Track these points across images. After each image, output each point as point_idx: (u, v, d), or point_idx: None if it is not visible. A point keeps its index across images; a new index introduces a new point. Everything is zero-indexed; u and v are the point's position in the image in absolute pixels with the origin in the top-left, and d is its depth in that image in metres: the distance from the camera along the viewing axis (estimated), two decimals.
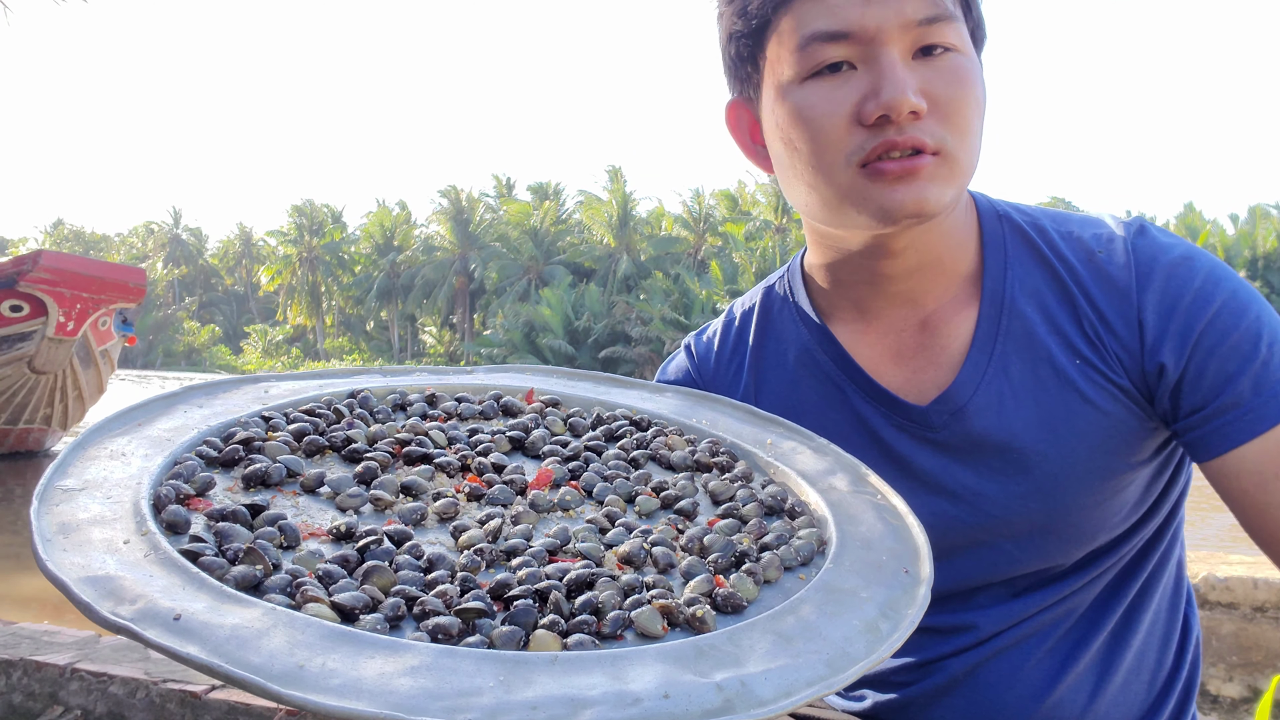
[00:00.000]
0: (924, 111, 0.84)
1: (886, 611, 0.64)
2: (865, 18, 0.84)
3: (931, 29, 0.85)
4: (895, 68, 0.84)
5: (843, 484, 0.83)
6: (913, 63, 0.86)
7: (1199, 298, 0.87)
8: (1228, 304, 0.87)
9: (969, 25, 0.90)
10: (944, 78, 0.86)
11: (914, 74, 0.85)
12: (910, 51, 0.86)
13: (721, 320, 1.16)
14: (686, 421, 0.95)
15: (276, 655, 0.51)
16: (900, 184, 0.86)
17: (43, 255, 9.95)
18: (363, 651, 0.53)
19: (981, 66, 0.92)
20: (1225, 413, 0.86)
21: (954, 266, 0.96)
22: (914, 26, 0.84)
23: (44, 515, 0.63)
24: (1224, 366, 0.86)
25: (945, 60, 0.86)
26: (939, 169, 0.86)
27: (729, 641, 0.58)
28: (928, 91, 0.85)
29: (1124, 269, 0.91)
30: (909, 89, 0.84)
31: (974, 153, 0.89)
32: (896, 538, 0.74)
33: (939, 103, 0.85)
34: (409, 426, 0.86)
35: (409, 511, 0.72)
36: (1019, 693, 0.96)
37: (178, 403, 0.85)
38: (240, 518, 0.67)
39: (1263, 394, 0.84)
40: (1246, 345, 0.86)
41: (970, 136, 0.87)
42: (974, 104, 0.87)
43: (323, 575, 0.61)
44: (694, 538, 0.73)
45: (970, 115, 0.87)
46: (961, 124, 0.86)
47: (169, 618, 0.53)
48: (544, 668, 0.53)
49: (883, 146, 0.85)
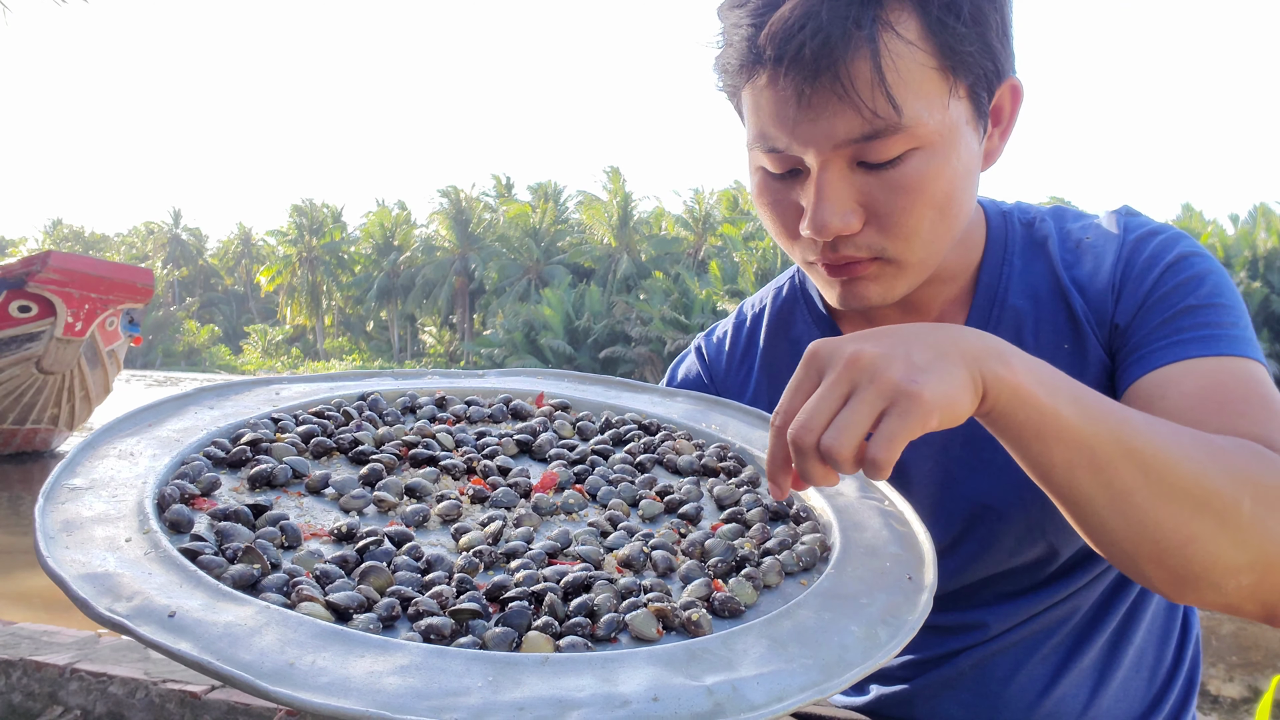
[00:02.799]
0: (857, 229, 0.83)
1: (886, 618, 0.63)
2: (795, 135, 0.80)
3: (869, 147, 0.79)
4: (825, 189, 0.81)
5: (850, 489, 0.83)
6: (852, 174, 0.82)
7: (1151, 259, 0.90)
8: (1174, 264, 0.89)
9: (965, 84, 0.81)
10: (888, 190, 0.81)
11: (849, 188, 0.82)
12: (851, 161, 0.81)
13: (732, 321, 1.16)
14: (696, 426, 0.95)
15: (267, 653, 0.51)
16: (843, 285, 0.88)
17: (51, 256, 9.97)
18: (353, 650, 0.53)
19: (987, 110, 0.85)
20: (1136, 350, 0.88)
21: (956, 272, 0.98)
22: (848, 145, 0.79)
23: (49, 513, 0.63)
24: (1154, 315, 0.88)
25: (893, 170, 0.81)
26: (883, 271, 0.86)
27: (723, 645, 0.58)
28: (867, 203, 0.82)
29: (1109, 246, 0.94)
30: (834, 215, 0.81)
31: (928, 248, 0.86)
32: (901, 544, 0.74)
33: (879, 214, 0.82)
34: (416, 429, 0.86)
35: (412, 513, 0.72)
36: (1022, 689, 0.96)
37: (189, 404, 0.86)
38: (242, 517, 0.67)
39: (1172, 336, 0.86)
40: (1175, 296, 0.87)
41: (919, 236, 0.84)
42: (926, 203, 0.82)
43: (320, 575, 0.61)
44: (695, 542, 0.73)
45: (918, 220, 0.83)
46: (905, 231, 0.83)
47: (164, 615, 0.53)
48: (533, 669, 0.53)
49: (822, 259, 0.86)
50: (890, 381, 0.63)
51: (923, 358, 0.65)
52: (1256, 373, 0.83)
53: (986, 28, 0.80)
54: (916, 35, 0.78)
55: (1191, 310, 0.86)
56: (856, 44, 0.76)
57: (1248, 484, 0.70)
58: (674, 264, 38.99)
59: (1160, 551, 0.70)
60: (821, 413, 0.64)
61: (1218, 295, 0.87)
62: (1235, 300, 0.88)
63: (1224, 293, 0.87)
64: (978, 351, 0.67)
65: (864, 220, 0.83)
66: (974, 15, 0.79)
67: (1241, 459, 0.71)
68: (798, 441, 0.64)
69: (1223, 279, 0.89)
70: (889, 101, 0.77)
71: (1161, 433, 0.70)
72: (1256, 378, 0.82)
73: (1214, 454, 0.70)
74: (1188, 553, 0.69)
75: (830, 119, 0.78)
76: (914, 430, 0.62)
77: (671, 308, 33.56)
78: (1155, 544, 0.70)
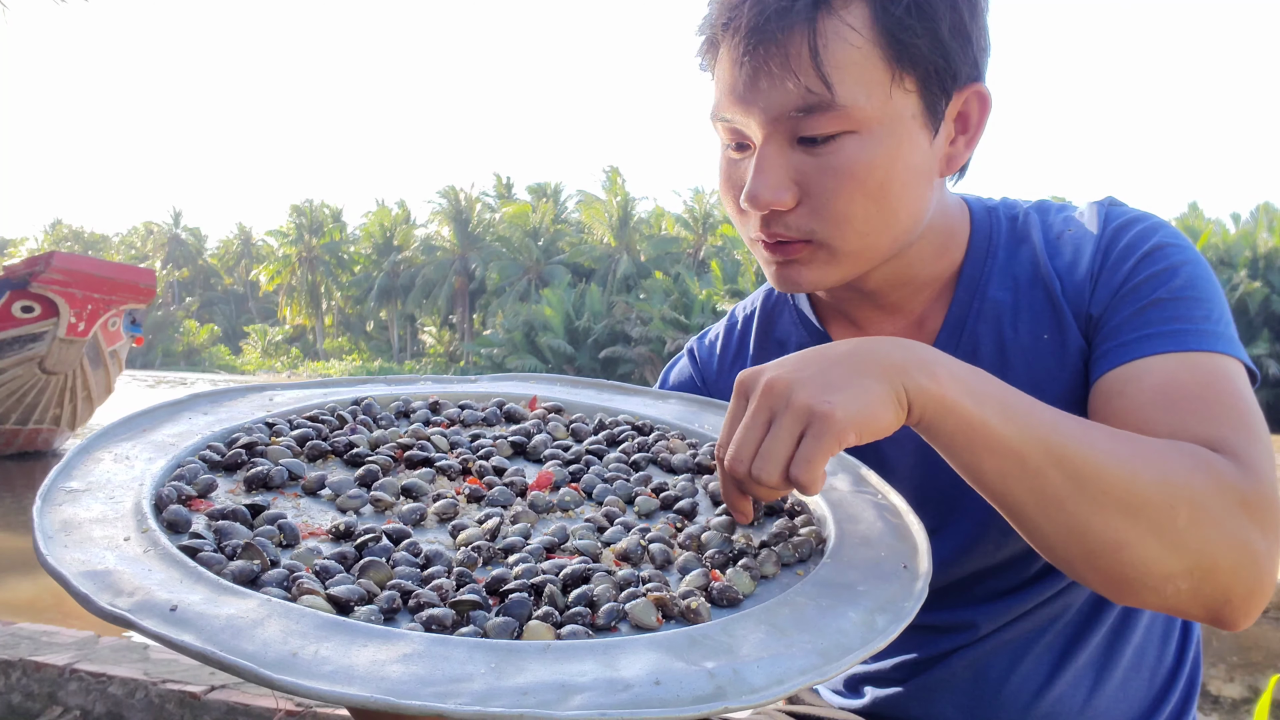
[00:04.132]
0: (789, 205, 0.84)
1: (884, 605, 0.64)
2: (740, 105, 0.83)
3: (807, 120, 0.80)
4: (761, 162, 0.83)
5: (843, 484, 0.84)
6: (791, 151, 0.83)
7: (1127, 249, 0.90)
8: (1148, 254, 0.89)
9: (916, 78, 0.82)
10: (822, 170, 0.82)
11: (785, 164, 0.83)
12: (792, 137, 0.83)
13: (724, 324, 1.17)
14: (689, 427, 0.96)
15: (270, 644, 0.52)
16: (778, 266, 0.89)
17: (55, 256, 9.99)
18: (356, 640, 0.53)
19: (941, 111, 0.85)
20: (1106, 341, 0.87)
21: (937, 272, 0.97)
22: (785, 119, 0.81)
23: (46, 514, 0.64)
24: (1125, 307, 0.87)
25: (827, 148, 0.82)
26: (815, 254, 0.87)
27: (722, 631, 0.59)
28: (802, 181, 0.83)
29: (1088, 237, 0.93)
30: (765, 188, 0.83)
31: (862, 238, 0.85)
32: (896, 535, 0.75)
33: (812, 194, 0.83)
34: (412, 432, 0.87)
35: (408, 512, 0.73)
36: (1019, 688, 0.96)
37: (183, 409, 0.86)
38: (240, 516, 0.67)
39: (1141, 330, 0.85)
40: (1147, 287, 0.87)
41: (850, 222, 0.84)
42: (858, 188, 0.82)
43: (320, 570, 0.62)
44: (691, 535, 0.73)
45: (848, 203, 0.83)
46: (836, 215, 0.83)
47: (165, 609, 0.54)
48: (536, 655, 0.54)
49: (760, 235, 0.87)
50: (803, 404, 0.67)
51: (837, 377, 0.68)
52: (1221, 368, 0.82)
53: (937, 23, 0.81)
54: (861, 20, 0.80)
55: (1161, 303, 0.86)
56: (794, 17, 0.79)
57: (1183, 490, 0.71)
58: (674, 264, 39.02)
59: (1093, 556, 0.72)
60: (748, 443, 0.69)
61: (1190, 288, 0.86)
62: (1209, 292, 0.86)
63: (1198, 284, 0.86)
64: (901, 364, 0.70)
65: (797, 199, 0.84)
66: (920, 7, 0.80)
67: (1180, 464, 0.72)
68: (733, 472, 0.70)
69: (1198, 270, 0.88)
70: (820, 77, 0.79)
71: (1094, 440, 0.71)
72: (1219, 373, 0.81)
73: (1150, 460, 0.71)
74: (1121, 558, 0.71)
75: (769, 90, 0.81)
76: (829, 449, 0.66)
77: (671, 308, 33.57)
78: (1088, 550, 0.72)
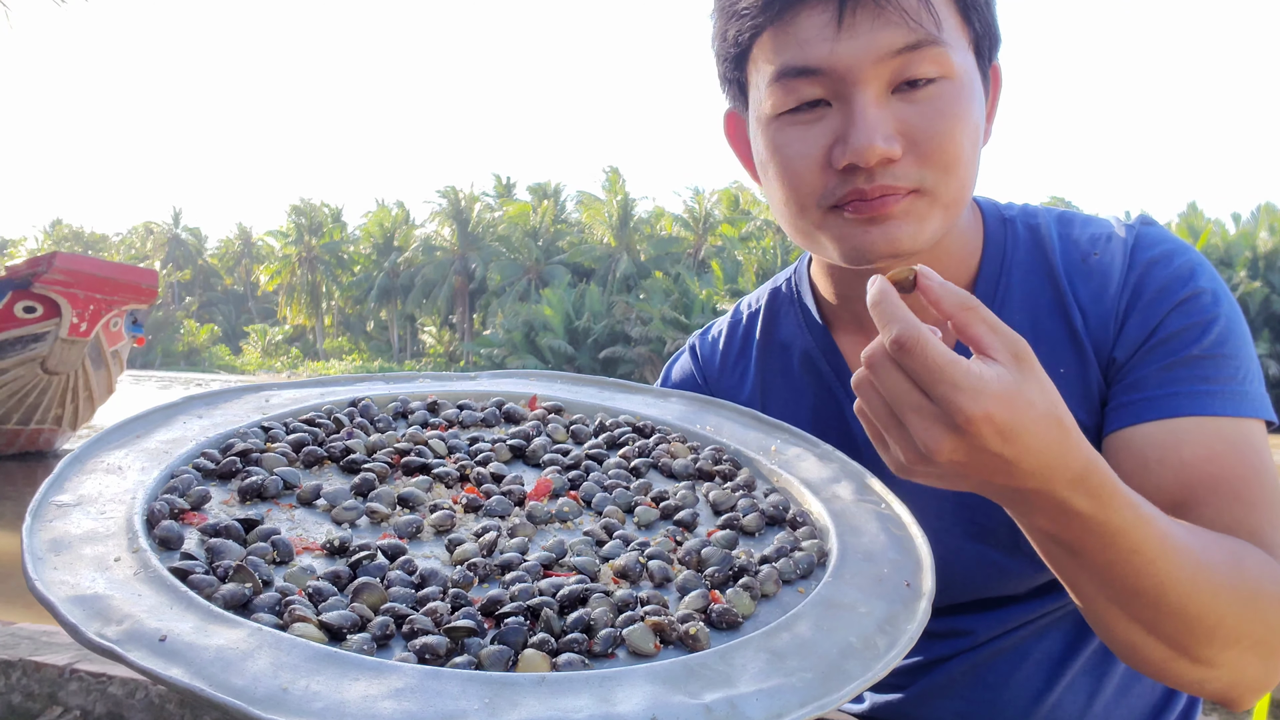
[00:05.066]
0: (899, 155, 0.80)
1: (885, 626, 0.63)
2: (836, 53, 0.79)
3: (911, 59, 0.79)
4: (866, 111, 0.79)
5: (846, 492, 0.82)
6: (891, 99, 0.81)
7: (1162, 292, 0.87)
8: (1184, 302, 0.86)
9: (971, 36, 0.84)
10: (925, 114, 0.80)
11: (889, 113, 0.80)
12: (889, 85, 0.81)
13: (727, 320, 1.14)
14: (690, 428, 0.95)
15: (260, 678, 0.51)
16: (872, 225, 0.83)
17: (57, 257, 10.00)
18: (347, 673, 0.52)
19: (986, 76, 0.87)
20: (1130, 392, 0.86)
21: (953, 279, 0.94)
22: (890, 58, 0.79)
23: (36, 532, 0.63)
24: (1154, 359, 0.86)
25: (928, 92, 0.80)
26: (915, 206, 0.83)
27: (721, 660, 0.58)
28: (906, 130, 0.81)
29: (1115, 268, 0.90)
30: (878, 135, 0.79)
31: (963, 183, 0.84)
32: (899, 549, 0.74)
33: (918, 141, 0.81)
34: (409, 436, 0.85)
35: (404, 524, 0.72)
36: (1017, 693, 0.96)
37: (177, 413, 0.85)
38: (234, 533, 0.66)
39: (1169, 387, 0.84)
40: (1179, 342, 0.85)
41: (957, 168, 0.82)
42: (962, 133, 0.82)
43: (313, 593, 0.61)
44: (691, 550, 0.72)
45: (956, 147, 0.82)
46: (945, 159, 0.81)
47: (154, 639, 0.53)
48: (530, 689, 0.53)
49: (852, 195, 0.82)
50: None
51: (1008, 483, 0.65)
52: (1251, 439, 0.82)
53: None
54: None
55: (1192, 361, 0.84)
56: None
57: (1250, 627, 0.73)
58: (674, 264, 39.02)
59: (1137, 653, 0.76)
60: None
61: (1223, 343, 0.85)
62: (1240, 346, 0.85)
63: (1231, 339, 0.85)
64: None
65: (904, 149, 0.81)
66: None
67: (1253, 607, 0.73)
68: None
69: (1231, 323, 0.86)
70: (930, 11, 0.79)
71: (1183, 564, 0.71)
72: (1251, 446, 0.82)
73: (1225, 595, 0.72)
74: (1166, 668, 0.75)
75: (872, 30, 0.79)
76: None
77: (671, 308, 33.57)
78: (1140, 654, 0.76)
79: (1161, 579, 0.69)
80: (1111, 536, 0.67)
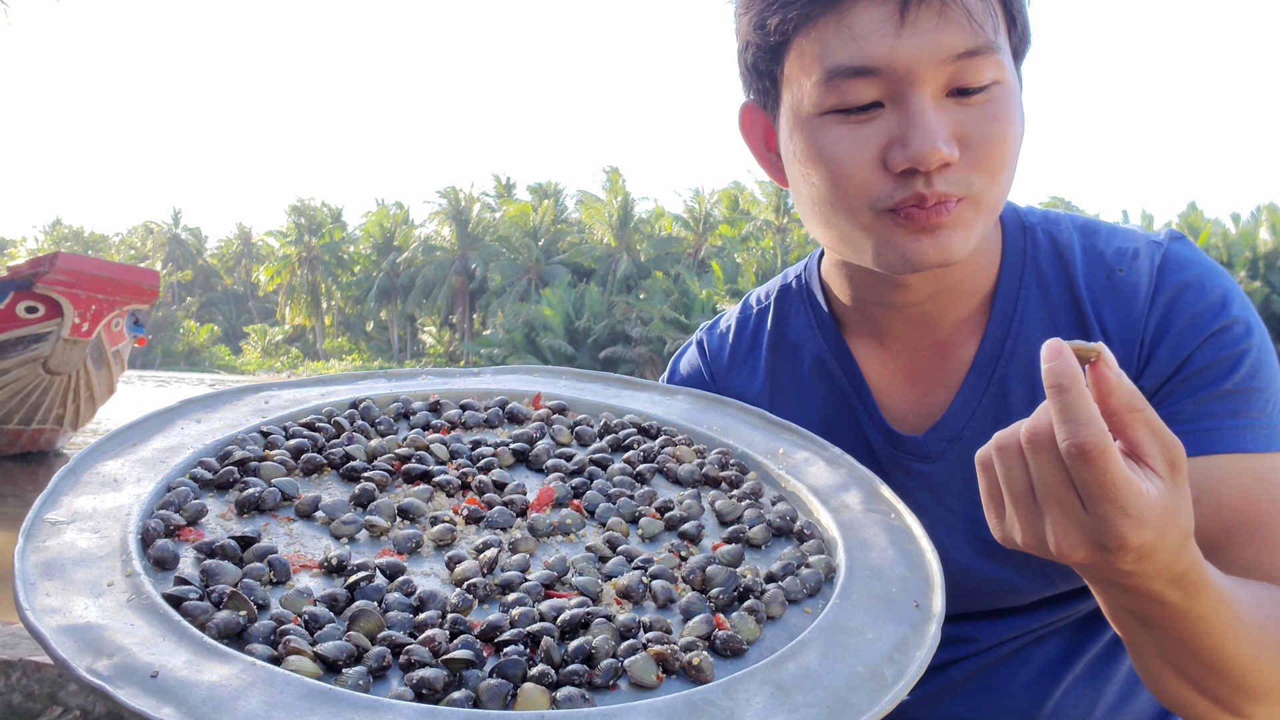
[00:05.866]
0: (956, 160, 0.78)
1: (893, 655, 0.61)
2: (896, 52, 0.76)
3: (969, 64, 0.77)
4: (926, 113, 0.77)
5: (855, 501, 0.80)
6: (946, 101, 0.78)
7: (1193, 323, 0.85)
8: (1216, 334, 0.84)
9: (1012, 42, 0.82)
10: (981, 119, 0.79)
11: (947, 116, 0.78)
12: (945, 88, 0.78)
13: (736, 315, 1.11)
14: (696, 428, 0.92)
15: (253, 718, 0.50)
16: (924, 234, 0.80)
17: (59, 257, 9.99)
18: (341, 713, 0.51)
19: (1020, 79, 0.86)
20: None
21: (973, 288, 0.92)
22: (950, 62, 0.77)
23: (28, 555, 0.61)
24: (1184, 392, 0.84)
25: (984, 98, 0.79)
26: (964, 214, 0.80)
27: (724, 695, 0.56)
28: (962, 135, 0.78)
29: (1141, 288, 0.87)
30: (939, 139, 0.76)
31: (1004, 190, 0.83)
32: (909, 565, 0.72)
33: (973, 146, 0.79)
34: (410, 440, 0.83)
35: (404, 539, 0.70)
36: (1018, 697, 0.96)
37: (175, 418, 0.82)
38: (229, 553, 0.65)
39: (1203, 422, 0.83)
40: (1210, 375, 0.84)
41: (1003, 174, 0.81)
42: (1011, 139, 0.80)
43: (309, 619, 0.59)
44: (696, 568, 0.70)
45: (1005, 154, 0.80)
46: (995, 166, 0.80)
47: (146, 675, 0.52)
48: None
49: (910, 200, 0.79)
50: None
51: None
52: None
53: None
54: None
55: (1223, 395, 0.83)
56: None
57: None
58: (674, 264, 39.02)
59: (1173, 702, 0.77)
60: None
61: (1254, 376, 0.83)
62: (1271, 379, 0.84)
63: (1262, 371, 0.84)
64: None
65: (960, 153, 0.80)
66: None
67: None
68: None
69: (1263, 353, 0.85)
70: (992, 15, 0.78)
71: (1238, 640, 0.71)
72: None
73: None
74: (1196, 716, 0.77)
75: (933, 33, 0.76)
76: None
77: (672, 308, 33.57)
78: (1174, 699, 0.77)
79: (1218, 646, 0.70)
80: (1189, 619, 0.68)
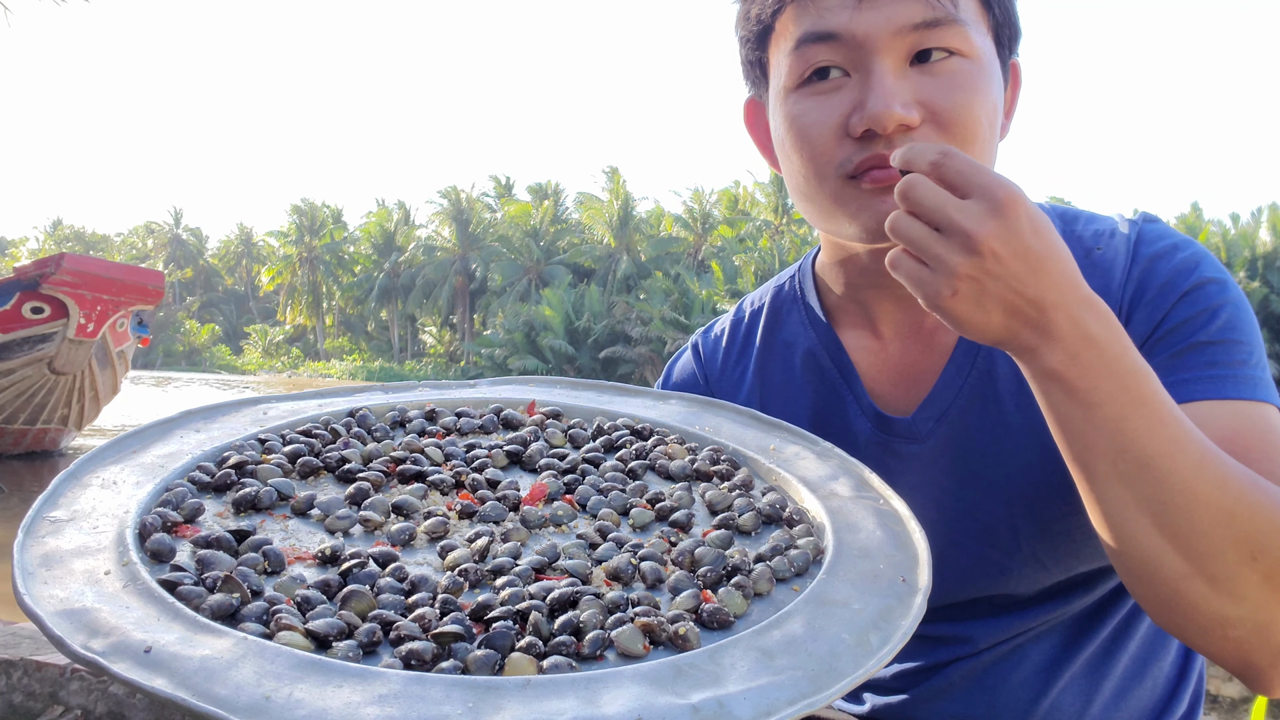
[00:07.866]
0: (916, 123, 0.81)
1: (878, 622, 0.62)
2: (854, 22, 0.82)
3: (929, 34, 0.81)
4: (884, 79, 0.81)
5: (844, 489, 0.82)
6: (909, 70, 0.82)
7: (1167, 285, 0.87)
8: (1189, 293, 0.86)
9: (991, 24, 0.86)
10: (943, 85, 0.82)
11: (907, 83, 0.82)
12: (906, 57, 0.82)
13: (730, 318, 1.14)
14: (689, 429, 0.94)
15: (244, 687, 0.51)
16: (888, 195, 0.82)
17: (65, 258, 9.99)
18: (331, 680, 0.52)
19: (1006, 66, 0.89)
20: None
21: None
22: (908, 32, 0.81)
23: (28, 548, 0.62)
24: (1162, 349, 0.85)
25: (945, 66, 0.82)
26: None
27: (710, 660, 0.57)
28: (924, 101, 0.82)
29: (1118, 264, 0.90)
30: (896, 101, 0.80)
31: (982, 160, 0.84)
32: (896, 544, 0.73)
33: (937, 112, 0.82)
34: (405, 444, 0.85)
35: (398, 532, 0.71)
36: (1015, 695, 0.96)
37: (174, 428, 0.84)
38: (225, 544, 0.66)
39: (1180, 373, 0.83)
40: (1187, 329, 0.85)
41: (976, 142, 0.83)
42: (980, 109, 0.83)
43: (301, 601, 0.60)
44: (685, 550, 0.71)
45: (975, 122, 0.83)
46: (965, 131, 0.82)
47: (140, 650, 0.53)
48: (515, 693, 0.52)
49: (870, 161, 0.82)
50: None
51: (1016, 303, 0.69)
52: (1267, 418, 0.81)
53: None
54: None
55: (1200, 347, 0.84)
56: None
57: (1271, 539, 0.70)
58: (674, 264, 39.02)
59: (1145, 571, 0.73)
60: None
61: (1230, 329, 0.84)
62: (1247, 333, 0.85)
63: (1238, 326, 0.85)
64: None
65: (922, 119, 0.82)
66: None
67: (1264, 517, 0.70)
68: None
69: (1238, 310, 0.86)
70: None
71: (1190, 449, 0.70)
72: (1274, 427, 0.80)
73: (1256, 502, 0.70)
74: (1183, 585, 0.72)
75: (892, 5, 0.81)
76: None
77: (671, 308, 33.56)
78: (1144, 562, 0.72)
79: (1170, 447, 0.69)
80: (1121, 377, 0.69)
